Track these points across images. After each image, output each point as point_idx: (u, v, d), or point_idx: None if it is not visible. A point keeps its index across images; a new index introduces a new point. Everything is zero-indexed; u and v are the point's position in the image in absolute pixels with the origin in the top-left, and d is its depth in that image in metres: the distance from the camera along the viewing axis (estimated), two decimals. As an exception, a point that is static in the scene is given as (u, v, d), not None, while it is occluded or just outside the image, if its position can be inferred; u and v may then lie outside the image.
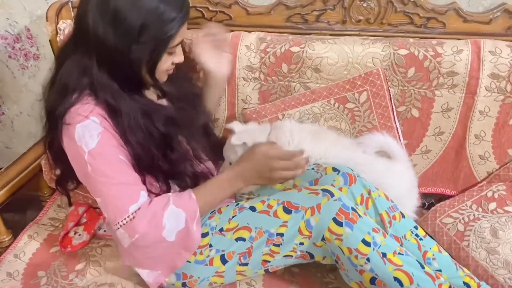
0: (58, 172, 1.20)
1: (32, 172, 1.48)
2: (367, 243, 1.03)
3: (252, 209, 1.15)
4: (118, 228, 1.03)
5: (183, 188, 1.15)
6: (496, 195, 1.36)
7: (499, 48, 1.30)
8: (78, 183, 1.17)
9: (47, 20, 1.47)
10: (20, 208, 1.78)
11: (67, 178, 1.20)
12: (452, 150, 1.41)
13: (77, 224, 1.41)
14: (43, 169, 1.50)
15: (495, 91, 1.32)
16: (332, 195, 1.08)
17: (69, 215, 1.43)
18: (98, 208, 1.47)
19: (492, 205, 1.34)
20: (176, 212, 1.06)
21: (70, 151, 1.05)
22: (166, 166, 1.12)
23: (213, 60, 1.33)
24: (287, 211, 1.11)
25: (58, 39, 1.47)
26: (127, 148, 1.06)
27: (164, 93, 1.17)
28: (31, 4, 1.60)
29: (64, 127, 1.03)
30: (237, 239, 1.13)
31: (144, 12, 0.98)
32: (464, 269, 1.15)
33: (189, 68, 1.35)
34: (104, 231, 1.41)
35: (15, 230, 1.42)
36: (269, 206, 1.13)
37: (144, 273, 1.14)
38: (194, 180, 1.18)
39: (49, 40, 1.50)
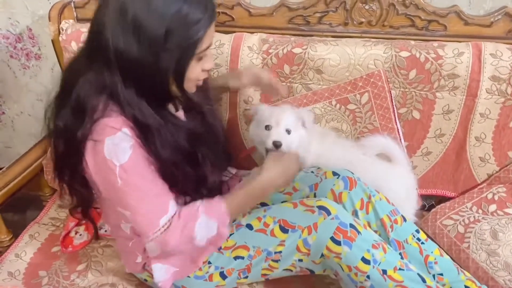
0: (72, 198, 1.10)
1: (33, 172, 1.48)
2: (366, 261, 1.02)
3: (249, 227, 1.15)
4: (149, 241, 1.01)
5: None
6: (496, 197, 1.36)
7: (500, 51, 1.31)
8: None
9: (49, 20, 1.48)
10: (19, 208, 1.79)
11: (90, 203, 1.10)
12: (453, 152, 1.42)
13: (78, 224, 1.41)
14: (45, 169, 1.50)
15: (496, 93, 1.32)
16: (328, 213, 1.06)
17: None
18: (98, 208, 1.47)
19: (492, 207, 1.34)
20: (206, 221, 1.04)
21: (97, 167, 0.97)
22: (192, 181, 1.08)
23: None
24: (283, 230, 1.10)
25: (60, 38, 1.47)
26: (156, 163, 0.99)
27: (193, 105, 1.10)
28: (33, 4, 1.61)
29: (88, 145, 0.94)
30: (236, 258, 1.13)
31: (166, 17, 0.89)
32: (466, 272, 1.15)
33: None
34: (105, 231, 1.41)
35: (15, 229, 1.43)
36: (266, 225, 1.13)
37: (163, 269, 1.12)
38: (218, 192, 1.16)
39: (52, 40, 1.50)
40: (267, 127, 1.24)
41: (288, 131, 1.24)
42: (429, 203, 1.52)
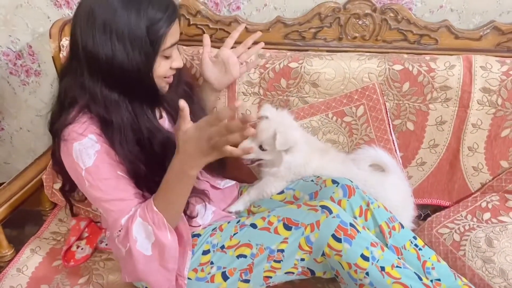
0: (60, 180, 1.22)
1: (33, 187, 1.48)
2: (365, 258, 1.05)
3: (253, 226, 1.17)
4: (115, 241, 1.07)
5: None
6: (490, 206, 1.39)
7: (490, 64, 1.35)
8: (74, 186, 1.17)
9: (50, 37, 1.50)
10: (17, 223, 1.79)
11: (71, 188, 1.21)
12: (447, 162, 1.45)
13: (79, 238, 1.42)
14: (44, 183, 1.52)
15: (487, 104, 1.36)
16: (330, 212, 1.10)
17: (71, 230, 1.44)
18: (99, 222, 1.49)
19: (487, 215, 1.37)
20: (143, 224, 1.04)
21: (68, 166, 1.07)
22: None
23: (215, 75, 1.36)
24: (287, 227, 1.13)
25: (61, 55, 1.49)
26: (124, 163, 1.06)
27: (163, 102, 1.18)
28: (33, 21, 1.63)
29: (61, 143, 1.04)
30: (238, 256, 1.15)
31: (130, 17, 1.00)
32: (463, 278, 1.17)
33: (190, 79, 1.37)
34: (106, 244, 1.42)
35: (14, 244, 1.43)
36: (270, 223, 1.15)
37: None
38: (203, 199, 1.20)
39: (52, 57, 1.52)
40: None
41: (263, 148, 1.27)
42: (425, 212, 1.54)
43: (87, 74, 1.03)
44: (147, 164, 1.09)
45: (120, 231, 1.05)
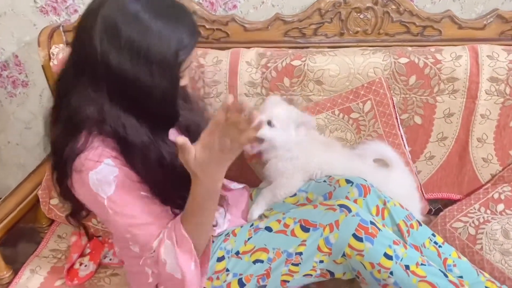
0: (63, 204, 1.15)
1: (29, 204, 1.42)
2: (389, 257, 1.01)
3: (268, 229, 1.13)
4: (142, 264, 1.02)
5: None
6: (502, 196, 1.37)
7: (496, 52, 1.33)
8: (89, 210, 1.10)
9: (39, 46, 1.43)
10: (9, 241, 1.71)
11: (79, 211, 1.10)
12: (456, 155, 1.43)
13: (82, 255, 1.36)
14: (41, 199, 1.44)
15: (495, 94, 1.34)
16: (349, 210, 1.06)
17: (72, 246, 1.37)
18: (100, 236, 1.43)
19: (500, 207, 1.35)
20: (170, 246, 0.97)
21: (86, 197, 0.98)
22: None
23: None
24: (304, 229, 1.08)
25: (51, 64, 1.43)
26: (147, 184, 0.98)
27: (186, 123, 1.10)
28: (19, 30, 1.56)
29: (74, 174, 0.94)
30: (255, 262, 1.10)
31: (161, 38, 0.90)
32: (485, 273, 1.15)
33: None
34: (110, 259, 1.36)
35: (8, 264, 1.35)
36: (286, 225, 1.11)
37: None
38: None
39: (42, 66, 1.45)
40: None
41: (270, 123, 1.19)
42: (435, 207, 1.52)
43: (105, 94, 0.91)
44: (172, 182, 1.00)
45: (152, 253, 0.98)
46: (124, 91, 0.92)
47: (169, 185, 1.00)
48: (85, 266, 1.32)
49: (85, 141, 0.93)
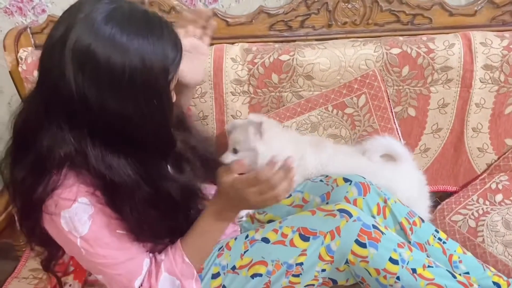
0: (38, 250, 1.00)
1: (3, 223, 1.31)
2: (394, 261, 0.97)
3: (265, 240, 1.06)
4: None
5: None
6: (500, 186, 1.35)
7: (489, 39, 1.30)
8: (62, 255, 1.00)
9: (5, 50, 1.33)
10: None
11: (54, 258, 1.00)
12: (451, 146, 1.40)
13: (65, 273, 1.26)
14: (17, 218, 1.33)
15: (489, 82, 1.31)
16: (350, 215, 1.01)
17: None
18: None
19: (499, 197, 1.33)
20: (170, 279, 0.94)
21: (58, 237, 0.89)
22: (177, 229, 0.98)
23: (188, 68, 1.11)
24: (304, 238, 1.02)
25: (20, 69, 1.32)
26: (127, 223, 0.89)
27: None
28: (-19, 33, 1.44)
29: (45, 214, 0.84)
30: (253, 276, 1.04)
31: (140, 59, 0.77)
32: (491, 268, 1.12)
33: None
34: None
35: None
36: (284, 235, 1.04)
37: None
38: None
39: (9, 72, 1.35)
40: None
41: (235, 150, 1.20)
42: (432, 200, 1.48)
43: (85, 134, 0.79)
44: (162, 220, 0.92)
45: None
46: (109, 128, 0.80)
47: (153, 223, 0.91)
48: (70, 285, 1.22)
49: (57, 178, 0.82)
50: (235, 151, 1.20)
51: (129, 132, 0.82)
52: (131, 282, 0.91)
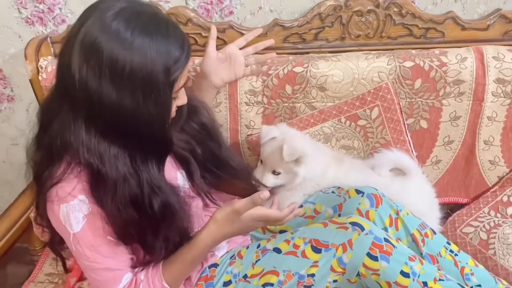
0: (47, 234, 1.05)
1: (21, 228, 1.34)
2: (406, 274, 0.97)
3: (277, 250, 1.07)
4: None
5: None
6: (511, 199, 1.35)
7: (502, 53, 1.31)
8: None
9: (26, 59, 1.36)
10: (-1, 263, 1.63)
11: (60, 241, 1.01)
12: (462, 158, 1.40)
13: (80, 278, 1.28)
14: (33, 222, 1.36)
15: (502, 95, 1.32)
16: (362, 228, 1.02)
17: (69, 270, 1.29)
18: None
19: (510, 210, 1.34)
20: None
21: (56, 226, 0.94)
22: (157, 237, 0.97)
23: (217, 71, 1.25)
24: (316, 250, 1.04)
25: (40, 77, 1.35)
26: (115, 227, 0.91)
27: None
28: (3, 42, 1.48)
29: (48, 202, 0.90)
30: (264, 285, 1.05)
31: (146, 56, 0.81)
32: (503, 281, 1.13)
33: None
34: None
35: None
36: (296, 246, 1.06)
37: None
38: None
39: (30, 80, 1.38)
40: (261, 161, 1.24)
41: (276, 173, 1.21)
42: (443, 211, 1.48)
43: (82, 120, 0.85)
44: (139, 227, 0.93)
45: None
46: (105, 119, 0.85)
47: (134, 230, 0.93)
48: (85, 291, 1.25)
49: (64, 171, 0.88)
50: (275, 172, 1.20)
51: (123, 125, 0.86)
52: None
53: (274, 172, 1.20)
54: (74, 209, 0.89)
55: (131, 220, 0.91)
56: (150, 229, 0.94)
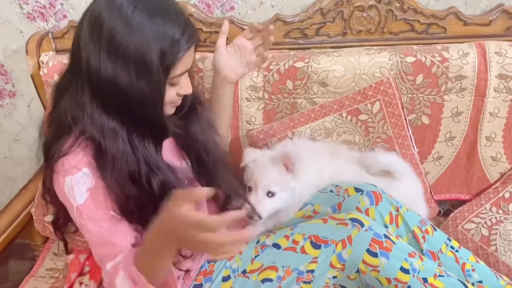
0: (52, 212, 1.07)
1: (22, 223, 1.34)
2: (405, 271, 0.97)
3: (276, 246, 1.07)
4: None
5: None
6: (513, 195, 1.35)
7: (504, 49, 1.30)
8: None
9: (27, 54, 1.37)
10: (1, 259, 1.62)
11: (65, 220, 1.03)
12: (464, 154, 1.40)
13: (81, 273, 1.28)
14: (34, 217, 1.36)
15: (504, 91, 1.31)
16: (362, 225, 1.01)
17: (70, 265, 1.30)
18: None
19: (512, 206, 1.32)
20: (125, 279, 0.89)
21: (61, 198, 0.95)
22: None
23: (230, 65, 1.19)
24: (315, 246, 1.03)
25: (41, 73, 1.36)
26: (117, 201, 0.91)
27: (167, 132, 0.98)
28: (4, 37, 1.48)
29: (54, 174, 0.92)
30: (263, 281, 1.04)
31: (142, 36, 0.83)
32: (504, 277, 1.11)
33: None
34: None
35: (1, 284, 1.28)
36: (295, 242, 1.06)
37: None
38: None
39: (31, 75, 1.38)
40: (249, 189, 1.11)
41: (271, 193, 1.10)
42: (444, 208, 1.48)
43: (87, 93, 0.88)
44: (140, 204, 0.92)
45: (106, 274, 0.93)
46: (105, 93, 0.87)
47: (135, 206, 0.92)
48: (86, 285, 1.25)
49: (71, 144, 0.91)
50: (270, 194, 1.10)
51: (119, 101, 0.88)
52: (105, 263, 0.92)
53: (268, 194, 1.10)
54: (78, 182, 0.90)
55: (131, 195, 0.92)
56: (149, 206, 0.92)
